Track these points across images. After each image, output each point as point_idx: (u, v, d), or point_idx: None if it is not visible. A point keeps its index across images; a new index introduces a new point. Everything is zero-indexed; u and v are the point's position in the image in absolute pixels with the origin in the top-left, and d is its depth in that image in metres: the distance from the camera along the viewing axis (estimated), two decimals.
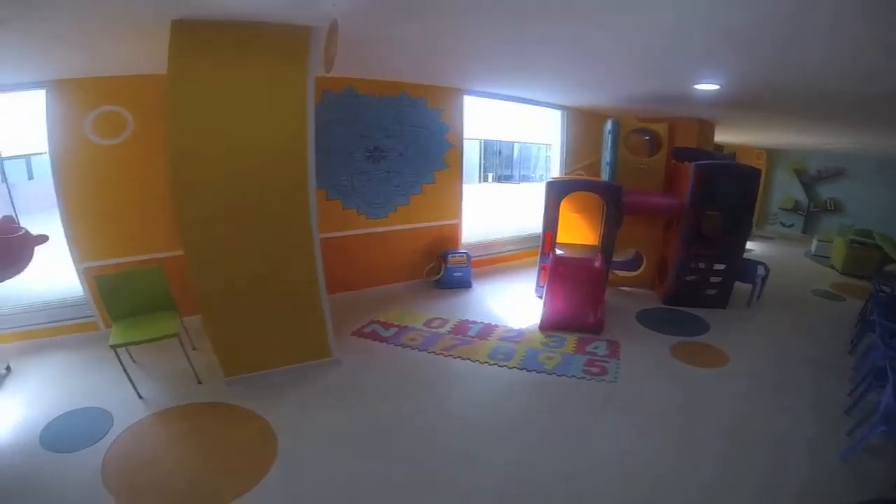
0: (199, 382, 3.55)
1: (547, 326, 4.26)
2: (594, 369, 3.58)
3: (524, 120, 6.33)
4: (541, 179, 6.46)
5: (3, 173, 2.89)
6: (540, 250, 5.05)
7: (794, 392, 3.46)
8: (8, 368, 3.91)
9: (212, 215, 3.07)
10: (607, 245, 4.68)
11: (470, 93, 5.49)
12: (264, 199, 3.18)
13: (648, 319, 4.57)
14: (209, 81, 2.90)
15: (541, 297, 4.69)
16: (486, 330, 4.32)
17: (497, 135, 6.39)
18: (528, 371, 3.59)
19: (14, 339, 4.24)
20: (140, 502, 2.47)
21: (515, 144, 6.85)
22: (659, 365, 3.76)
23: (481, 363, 3.73)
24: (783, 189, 10.44)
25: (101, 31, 2.89)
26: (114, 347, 3.34)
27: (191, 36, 2.79)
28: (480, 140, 6.31)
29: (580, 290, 4.38)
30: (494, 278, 5.79)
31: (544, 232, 4.96)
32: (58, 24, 2.69)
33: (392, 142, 5.09)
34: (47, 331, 4.32)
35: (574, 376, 3.50)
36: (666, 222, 5.16)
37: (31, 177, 4.53)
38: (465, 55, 3.94)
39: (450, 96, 5.33)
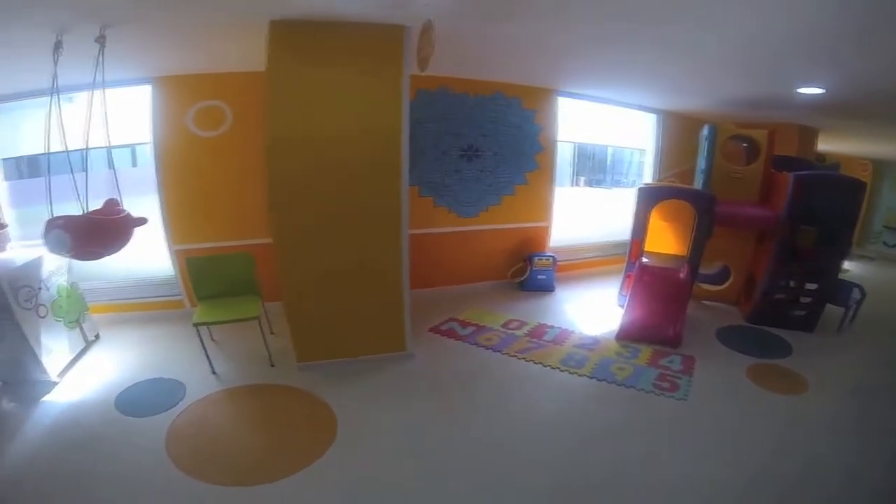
0: (272, 365, 3.76)
1: (624, 336, 4.18)
2: (665, 384, 3.47)
3: (618, 124, 6.23)
4: (632, 185, 6.25)
5: (111, 160, 3.18)
6: (626, 258, 4.95)
7: (875, 435, 3.09)
8: (97, 336, 4.38)
9: (303, 207, 3.25)
10: (695, 256, 4.49)
11: (564, 94, 5.45)
12: (357, 193, 3.32)
13: (728, 337, 4.36)
14: (306, 79, 3.07)
15: (622, 307, 4.60)
16: (563, 335, 4.30)
17: (590, 138, 6.26)
18: (597, 380, 3.55)
19: (107, 311, 4.71)
20: (197, 469, 2.68)
21: (609, 148, 6.67)
22: (732, 386, 3.58)
23: (552, 368, 3.72)
24: (889, 205, 9.41)
25: (203, 31, 3.13)
26: (196, 325, 3.63)
27: (288, 35, 2.97)
28: (574, 143, 6.20)
29: (662, 301, 4.27)
30: (577, 283, 5.73)
31: (632, 239, 4.87)
32: (163, 25, 2.95)
33: (486, 141, 5.15)
34: (137, 305, 4.79)
35: (643, 389, 3.42)
36: (758, 236, 4.89)
37: (134, 164, 4.97)
38: (559, 56, 3.95)
39: (544, 97, 5.32)
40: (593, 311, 4.93)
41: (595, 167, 6.58)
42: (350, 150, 3.23)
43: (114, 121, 3.06)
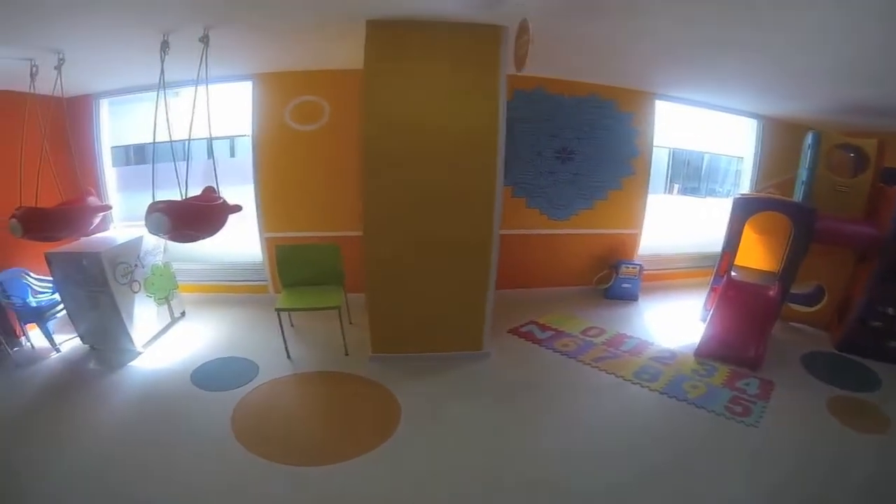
0: (346, 354, 3.96)
1: (703, 353, 4.04)
2: (737, 408, 3.34)
3: (715, 129, 6.00)
4: (727, 195, 6.00)
5: (212, 151, 3.49)
6: (714, 271, 4.79)
7: None
8: (183, 314, 4.85)
9: (395, 202, 3.38)
10: (788, 274, 4.26)
11: (661, 97, 5.33)
12: (450, 191, 3.40)
13: (814, 363, 4.07)
14: (402, 77, 3.19)
15: (704, 322, 4.44)
16: (640, 347, 4.25)
17: (686, 144, 6.07)
18: (668, 396, 3.48)
19: (195, 291, 5.20)
20: (257, 445, 2.92)
21: (705, 155, 6.40)
22: (809, 417, 3.36)
23: (625, 380, 3.69)
24: None
25: (301, 31, 3.34)
26: (278, 311, 3.89)
27: (385, 34, 3.11)
28: (670, 149, 6.02)
29: (747, 319, 4.08)
30: (661, 294, 5.60)
31: (723, 252, 4.70)
32: (263, 26, 3.19)
33: (581, 143, 5.12)
34: (224, 287, 5.24)
35: (714, 411, 3.30)
36: (859, 256, 4.50)
37: (232, 155, 5.43)
38: (657, 57, 3.90)
39: (641, 100, 5.23)
40: (674, 324, 4.81)
41: (690, 174, 6.34)
42: (445, 149, 3.30)
43: (215, 114, 3.33)
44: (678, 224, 6.23)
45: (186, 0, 2.67)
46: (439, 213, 3.41)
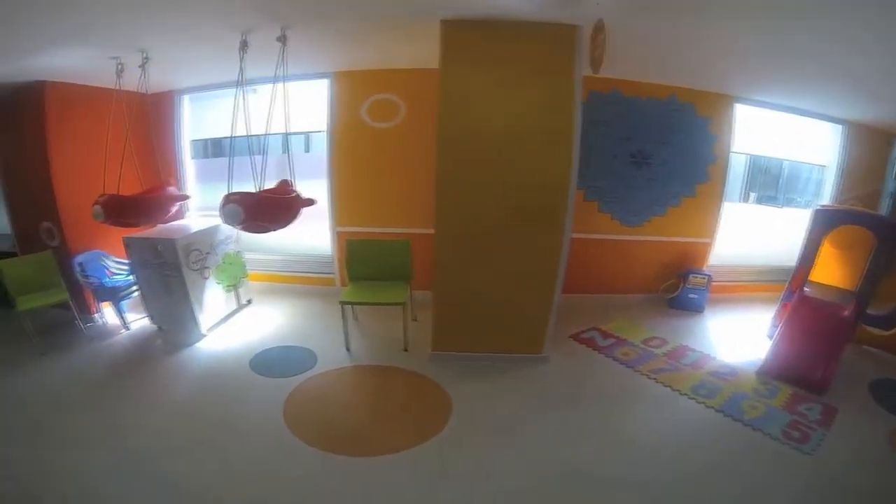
0: (406, 350, 4.07)
1: (766, 371, 3.88)
2: (795, 433, 3.18)
3: (797, 135, 5.73)
4: (807, 206, 5.77)
5: (288, 145, 3.69)
6: (786, 286, 4.62)
7: None
8: (249, 301, 5.15)
9: (468, 202, 3.44)
10: (865, 293, 4.04)
11: (741, 101, 5.16)
12: (523, 192, 3.42)
13: (883, 392, 3.79)
14: (477, 77, 3.25)
15: (771, 339, 4.25)
16: (701, 361, 4.15)
17: (766, 150, 5.85)
18: (724, 415, 3.38)
19: (263, 280, 5.52)
20: (305, 432, 3.08)
21: (784, 163, 6.09)
22: (870, 450, 3.14)
23: (681, 394, 3.63)
24: None
25: (377, 31, 3.45)
26: (343, 304, 4.05)
27: (460, 34, 3.18)
28: (748, 155, 5.78)
29: (817, 338, 3.87)
30: (729, 307, 5.45)
31: (798, 266, 4.54)
32: (340, 26, 3.32)
33: (657, 148, 5.05)
34: (292, 278, 5.51)
35: (769, 434, 3.16)
36: None
37: (307, 150, 5.71)
38: (737, 60, 3.82)
39: (720, 104, 5.09)
40: (739, 340, 4.65)
41: (768, 183, 6.10)
42: (519, 150, 3.33)
43: (292, 110, 3.50)
44: (752, 234, 6.03)
45: (264, 1, 2.80)
46: (511, 215, 3.44)
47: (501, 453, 2.93)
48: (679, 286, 5.33)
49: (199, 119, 5.64)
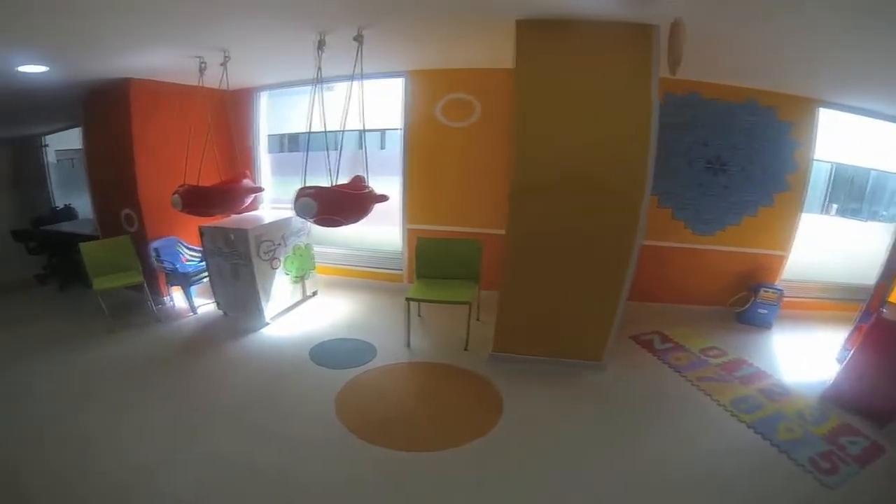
0: (466, 349, 4.13)
1: (832, 397, 3.64)
2: (825, 464, 2.98)
3: (888, 143, 5.39)
4: (892, 220, 5.51)
5: (363, 142, 3.83)
6: (863, 307, 4.32)
7: None
8: (315, 293, 5.37)
9: (541, 203, 3.44)
10: None
11: (826, 105, 4.90)
12: (596, 196, 3.40)
13: None
14: (552, 78, 3.24)
15: (840, 362, 3.99)
16: (755, 377, 4.01)
17: (851, 159, 5.55)
18: (755, 432, 3.25)
19: (331, 273, 5.74)
20: (353, 423, 3.19)
21: (872, 173, 5.65)
22: None
23: (718, 404, 3.55)
24: None
25: (452, 31, 3.52)
26: (409, 300, 4.15)
27: (534, 34, 3.18)
28: (831, 163, 5.45)
29: (892, 366, 3.55)
30: (799, 325, 5.21)
31: (878, 285, 4.28)
32: (415, 26, 3.40)
33: (734, 154, 4.90)
34: (359, 273, 5.71)
35: (795, 460, 2.99)
36: None
37: (382, 147, 5.91)
38: (827, 60, 3.65)
39: (803, 108, 4.86)
40: (804, 360, 4.43)
41: (852, 194, 5.75)
42: (594, 152, 3.30)
43: (368, 108, 3.59)
44: (830, 249, 5.75)
45: (341, 2, 2.90)
46: (582, 218, 3.43)
47: (542, 460, 2.93)
48: (749, 300, 5.14)
49: (276, 115, 5.92)
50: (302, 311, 5.08)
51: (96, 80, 4.72)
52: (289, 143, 6.29)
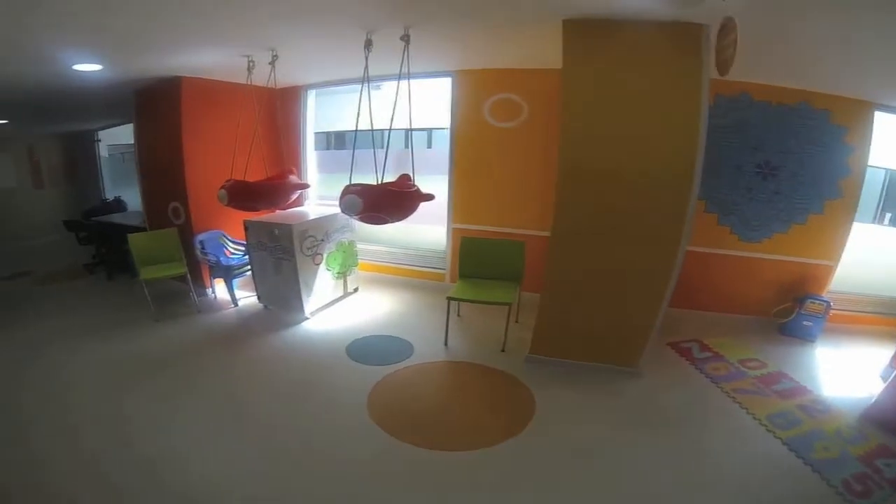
0: (502, 350, 4.14)
1: (871, 418, 3.50)
2: (857, 486, 2.86)
3: None
4: None
5: (411, 141, 3.88)
6: None
7: None
8: (356, 289, 5.49)
9: (586, 206, 3.42)
10: None
11: (883, 109, 4.70)
12: (641, 200, 3.34)
13: None
14: (600, 78, 3.20)
15: (884, 380, 3.84)
16: (794, 391, 3.88)
17: None
18: (789, 449, 3.14)
19: (373, 270, 5.86)
20: (384, 419, 3.25)
21: None
22: None
23: (754, 418, 3.45)
24: None
25: (498, 31, 3.54)
26: (450, 299, 4.19)
27: (581, 34, 3.16)
28: (886, 170, 5.21)
29: None
30: (844, 339, 5.03)
31: None
32: (461, 26, 3.44)
33: (785, 158, 4.74)
34: (401, 271, 5.80)
35: (828, 481, 2.88)
36: None
37: (429, 146, 6.01)
38: (889, 59, 3.49)
39: (857, 111, 4.66)
40: (847, 376, 4.27)
41: None
42: (641, 155, 3.26)
43: (415, 106, 3.64)
44: (882, 261, 5.55)
45: (388, 3, 2.93)
46: (628, 223, 3.39)
47: (571, 464, 2.91)
48: (793, 311, 4.99)
49: (324, 113, 6.06)
50: (342, 307, 5.18)
51: (148, 79, 4.93)
52: (335, 141, 6.46)
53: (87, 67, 4.13)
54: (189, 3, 2.80)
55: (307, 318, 4.81)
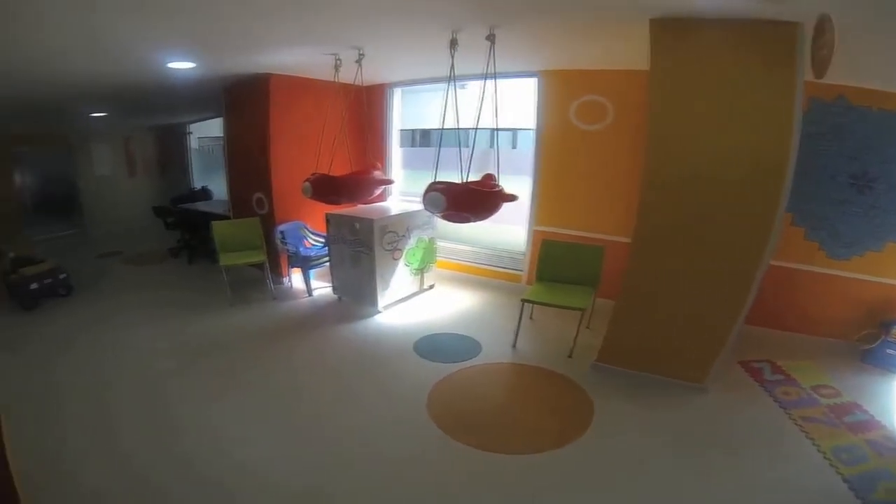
0: (570, 356, 4.13)
1: None
2: None
3: None
4: None
5: (496, 141, 3.95)
6: None
7: None
8: (432, 286, 5.61)
9: (669, 213, 3.36)
10: None
11: None
12: (726, 209, 3.24)
13: None
14: (689, 79, 3.13)
15: None
16: (866, 425, 3.61)
17: None
18: (849, 487, 2.94)
19: (450, 268, 6.00)
20: (440, 416, 3.32)
21: None
22: None
23: (819, 450, 3.24)
24: None
25: (584, 31, 3.55)
26: (524, 301, 4.23)
27: (669, 33, 3.08)
28: None
29: None
30: None
31: None
32: (546, 26, 3.47)
33: (884, 169, 4.36)
34: (478, 270, 5.91)
35: None
36: None
37: (513, 146, 6.11)
38: None
39: None
40: None
41: None
42: (728, 161, 3.15)
43: (501, 107, 3.66)
44: None
45: (473, 2, 2.97)
46: (709, 232, 3.29)
47: (622, 477, 2.89)
48: (878, 338, 4.60)
49: (410, 111, 6.25)
50: (416, 303, 5.31)
51: (238, 75, 5.23)
52: (420, 139, 6.65)
53: (181, 65, 4.39)
54: (285, 5, 2.94)
55: (379, 312, 4.96)
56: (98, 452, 2.95)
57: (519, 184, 4.99)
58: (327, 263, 5.37)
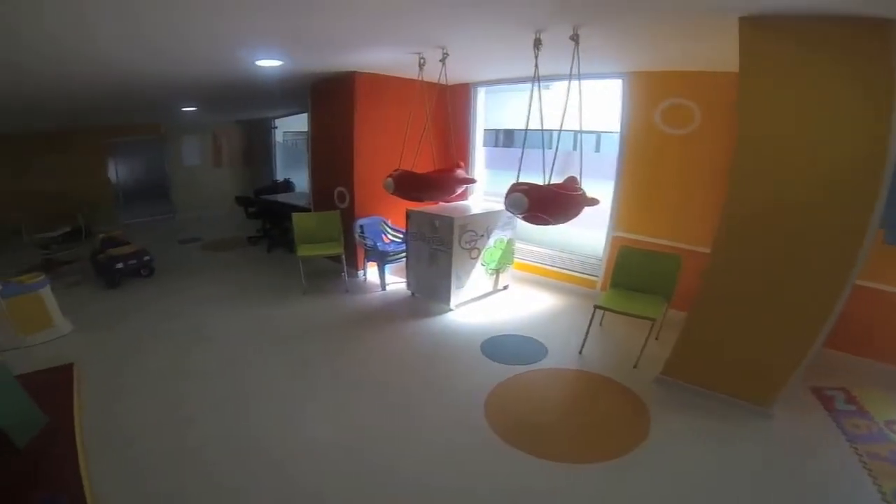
0: (635, 367, 4.05)
1: None
2: None
3: None
4: None
5: (580, 143, 3.93)
6: None
7: None
8: (506, 287, 5.67)
9: (754, 225, 3.22)
10: None
11: None
12: (813, 221, 3.07)
13: None
14: (779, 82, 2.99)
15: None
16: None
17: None
18: None
19: (526, 269, 6.05)
20: (495, 417, 3.37)
21: None
22: None
23: (879, 491, 3.01)
24: None
25: (670, 31, 3.49)
26: (597, 308, 4.20)
27: (759, 33, 2.95)
28: None
29: None
30: None
31: None
32: (631, 26, 3.44)
33: None
34: (554, 273, 5.93)
35: None
36: None
37: (597, 150, 6.09)
38: None
39: None
40: None
41: None
42: (819, 170, 3.00)
43: (586, 108, 3.67)
44: None
45: (557, 2, 2.95)
46: (793, 246, 3.17)
47: (667, 498, 2.81)
48: None
49: (494, 110, 6.35)
50: (488, 303, 5.37)
51: (324, 73, 5.45)
52: (503, 139, 6.76)
53: (269, 63, 4.59)
54: (373, 5, 3.01)
55: (451, 310, 5.05)
56: (166, 422, 3.29)
57: (600, 188, 4.91)
58: (404, 259, 5.51)
